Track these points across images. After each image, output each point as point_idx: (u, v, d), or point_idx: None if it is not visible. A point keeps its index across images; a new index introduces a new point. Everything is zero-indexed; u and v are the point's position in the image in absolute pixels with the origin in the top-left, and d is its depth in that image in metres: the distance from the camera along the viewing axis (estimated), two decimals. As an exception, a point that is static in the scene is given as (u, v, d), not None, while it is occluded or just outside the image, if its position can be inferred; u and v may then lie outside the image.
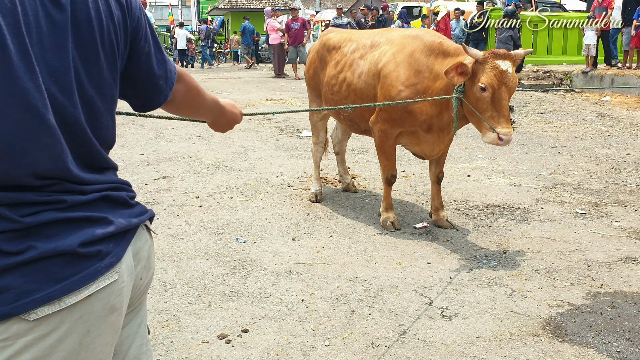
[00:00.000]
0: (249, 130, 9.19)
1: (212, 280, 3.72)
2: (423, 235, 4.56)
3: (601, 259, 4.04)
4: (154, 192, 5.85)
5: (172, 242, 4.45)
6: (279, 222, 4.90)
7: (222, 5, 42.56)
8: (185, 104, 1.56)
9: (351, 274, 3.79)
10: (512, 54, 3.77)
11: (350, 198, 5.67)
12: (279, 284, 3.65)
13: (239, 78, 16.07)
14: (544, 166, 6.91)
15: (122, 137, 8.51)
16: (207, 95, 1.66)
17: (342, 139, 5.90)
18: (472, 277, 3.73)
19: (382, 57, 4.45)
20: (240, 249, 4.29)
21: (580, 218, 4.97)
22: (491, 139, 3.72)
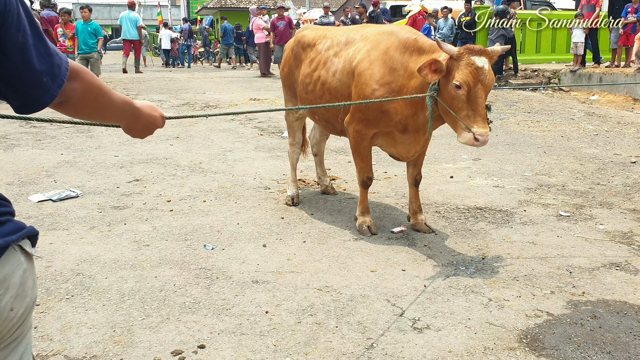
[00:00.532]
0: (230, 131, 8.98)
1: (174, 291, 3.52)
2: (400, 240, 4.37)
3: (584, 265, 3.86)
4: (125, 195, 5.63)
5: (136, 249, 4.24)
6: (251, 227, 4.70)
7: (212, 4, 42.32)
8: (85, 105, 1.36)
9: (321, 282, 3.59)
10: (488, 50, 3.58)
11: (329, 201, 5.47)
12: (243, 295, 3.44)
13: (223, 78, 15.85)
14: (529, 167, 6.75)
15: (98, 139, 8.29)
16: (115, 96, 1.45)
17: (321, 140, 5.70)
18: (447, 285, 3.54)
19: (357, 54, 4.26)
20: (207, 256, 4.08)
21: (564, 221, 4.79)
22: (467, 140, 3.53)
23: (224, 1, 42.12)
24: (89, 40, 11.27)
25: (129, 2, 18.04)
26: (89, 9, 11.53)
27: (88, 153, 7.45)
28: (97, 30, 11.42)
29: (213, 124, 9.52)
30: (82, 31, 11.23)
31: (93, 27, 11.33)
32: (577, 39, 12.83)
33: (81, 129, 8.94)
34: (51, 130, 8.79)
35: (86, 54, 11.34)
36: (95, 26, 11.42)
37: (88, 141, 8.13)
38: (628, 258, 3.97)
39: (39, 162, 6.94)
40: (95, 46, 11.41)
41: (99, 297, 3.44)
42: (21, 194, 5.66)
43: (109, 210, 5.17)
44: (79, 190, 5.71)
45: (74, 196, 5.57)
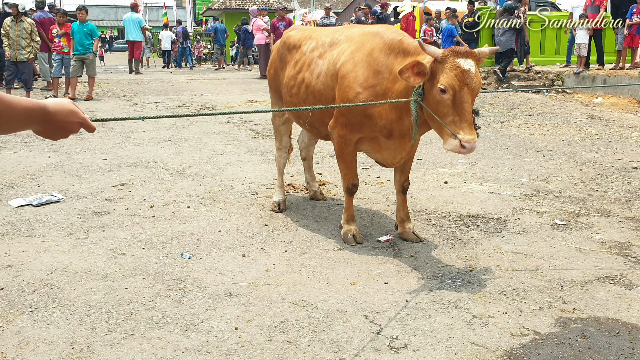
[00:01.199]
0: (223, 133, 8.82)
1: (143, 304, 3.35)
2: (385, 249, 4.19)
3: (576, 278, 3.66)
4: (108, 200, 5.48)
5: (111, 257, 4.08)
6: (232, 234, 4.53)
7: (216, 6, 42.26)
8: None
9: (298, 296, 3.41)
10: (475, 52, 3.40)
11: (316, 207, 5.29)
12: (214, 309, 3.27)
13: (223, 79, 15.71)
14: (526, 172, 6.54)
15: (88, 141, 8.15)
16: (17, 104, 1.30)
17: (309, 144, 5.52)
18: (430, 299, 3.36)
19: (341, 56, 4.08)
20: (182, 266, 3.91)
21: (559, 230, 4.59)
22: (453, 147, 3.34)
23: (229, 2, 42.04)
24: (84, 41, 11.14)
25: (131, 4, 18.23)
26: (85, 10, 11.40)
27: (76, 156, 7.31)
28: (93, 31, 11.29)
29: (207, 127, 9.36)
30: (78, 32, 11.09)
31: (89, 28, 11.19)
32: (581, 41, 12.60)
33: (72, 131, 8.80)
34: (42, 133, 8.65)
35: (81, 54, 11.20)
36: (91, 27, 11.29)
37: (78, 144, 8.00)
38: (623, 271, 3.77)
39: (24, 165, 6.81)
40: (90, 47, 11.28)
41: (63, 310, 3.28)
42: (1, 198, 5.51)
43: (89, 216, 5.01)
44: (61, 195, 5.56)
45: (56, 201, 5.42)
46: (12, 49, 10.58)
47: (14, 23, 10.63)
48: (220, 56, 21.56)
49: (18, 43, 10.62)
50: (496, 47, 3.84)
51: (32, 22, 10.92)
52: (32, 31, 10.80)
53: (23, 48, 10.66)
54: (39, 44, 11.04)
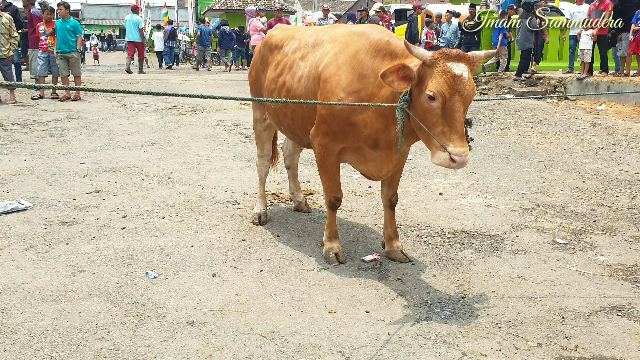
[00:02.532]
0: (211, 137, 8.47)
1: (94, 332, 2.99)
2: (370, 271, 3.82)
3: (579, 308, 3.30)
4: (78, 209, 5.12)
5: (70, 275, 3.72)
6: (205, 250, 4.17)
7: (217, 6, 42.02)
8: None
9: (267, 326, 3.05)
10: (468, 55, 3.03)
11: (300, 220, 4.94)
12: (172, 340, 2.91)
13: (217, 80, 15.35)
14: (526, 183, 6.18)
15: (69, 144, 7.81)
16: None
17: (294, 152, 5.16)
18: (416, 332, 2.99)
19: (324, 57, 3.72)
20: (146, 286, 3.55)
21: (560, 250, 4.23)
22: (442, 161, 2.98)
23: (230, 3, 41.84)
24: (68, 38, 10.76)
25: (132, 6, 18.72)
26: (65, 5, 11.02)
27: (54, 159, 6.95)
28: (76, 27, 10.90)
29: (195, 130, 9.01)
30: (61, 29, 10.71)
31: (71, 25, 10.81)
32: (584, 46, 12.24)
33: (53, 132, 8.46)
34: (22, 134, 8.31)
35: (65, 53, 10.83)
36: (74, 23, 10.90)
37: (57, 146, 7.64)
38: (632, 300, 3.40)
39: (-3, 169, 6.46)
40: (75, 45, 10.90)
41: (3, 339, 2.92)
42: (-35, 205, 5.16)
43: (55, 227, 4.65)
44: (29, 203, 5.21)
45: (23, 209, 5.07)
46: (-10, 45, 10.25)
47: (-9, 19, 10.29)
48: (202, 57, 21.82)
49: (-4, 39, 10.28)
50: (493, 51, 3.48)
51: (10, 17, 10.55)
52: (11, 27, 10.43)
53: (2, 45, 10.30)
54: (17, 39, 10.67)
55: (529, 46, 13.17)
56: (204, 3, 49.78)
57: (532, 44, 13.25)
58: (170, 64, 22.51)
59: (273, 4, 39.18)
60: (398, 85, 3.03)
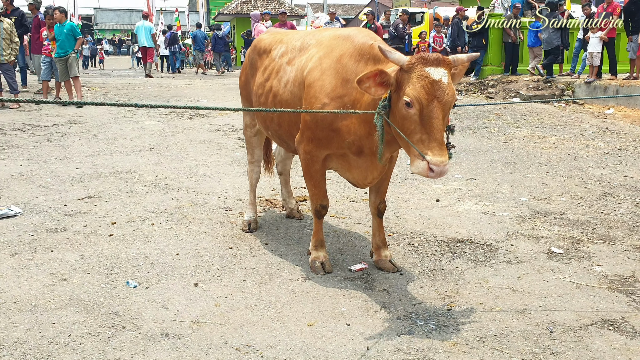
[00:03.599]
0: (211, 142, 8.41)
1: (65, 344, 2.91)
2: (356, 281, 3.72)
3: (569, 322, 3.17)
4: (68, 215, 5.07)
5: (50, 284, 3.65)
6: (190, 258, 4.09)
7: (228, 10, 42.13)
8: None
9: (243, 339, 2.96)
10: (448, 59, 2.92)
11: (291, 227, 4.84)
12: (143, 354, 2.82)
13: (222, 85, 15.33)
14: (527, 189, 6.04)
15: (66, 149, 7.78)
16: None
17: (286, 157, 5.08)
18: (396, 347, 2.88)
19: (309, 62, 3.64)
20: (125, 296, 3.47)
21: (555, 260, 4.10)
22: (420, 170, 2.87)
23: (240, 7, 41.88)
24: (66, 42, 10.73)
25: (143, 13, 19.61)
26: (60, 10, 11.00)
27: (50, 164, 6.92)
28: (74, 30, 10.87)
29: (195, 134, 8.96)
30: (59, 33, 10.70)
31: (67, 28, 10.78)
32: (593, 49, 12.04)
33: (52, 137, 8.44)
34: (21, 139, 8.30)
35: (61, 57, 10.81)
36: (70, 26, 10.86)
37: (55, 151, 7.61)
38: (626, 314, 3.27)
39: (-8, 174, 6.43)
40: (71, 48, 10.84)
41: (-28, 350, 2.85)
42: (-45, 211, 5.12)
43: (42, 233, 4.60)
44: (19, 209, 5.16)
45: (12, 215, 5.02)
46: (-7, 50, 10.28)
47: (-8, 24, 10.32)
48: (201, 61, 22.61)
49: (-2, 44, 10.30)
50: (476, 54, 3.35)
51: (11, 22, 10.58)
52: (12, 32, 10.45)
53: (4, 50, 10.32)
54: (18, 45, 10.69)
55: (557, 44, 12.92)
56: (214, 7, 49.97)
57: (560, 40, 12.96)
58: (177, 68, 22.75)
59: (283, 8, 39.26)
60: (375, 92, 2.93)
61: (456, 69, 2.98)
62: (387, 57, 2.91)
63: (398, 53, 2.96)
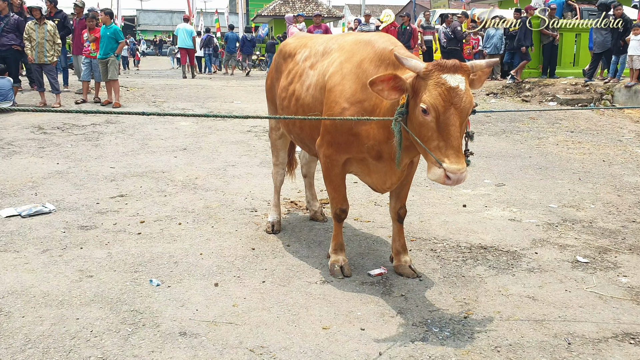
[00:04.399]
0: (241, 143, 8.52)
1: (87, 340, 3.01)
2: (375, 286, 3.73)
3: (589, 333, 3.11)
4: (100, 213, 5.22)
5: (77, 280, 3.78)
6: (213, 258, 4.16)
7: (266, 12, 42.48)
8: None
9: (258, 340, 3.00)
10: (466, 65, 2.90)
11: (314, 229, 4.88)
12: (160, 351, 2.90)
13: (257, 87, 15.47)
14: (557, 196, 5.93)
15: (102, 148, 7.99)
16: None
17: (310, 160, 5.12)
18: (408, 353, 2.88)
19: (330, 66, 3.67)
20: (147, 294, 3.57)
21: (580, 269, 4.02)
22: (437, 177, 2.87)
23: (278, 9, 42.17)
24: (108, 46, 11.05)
25: (184, 16, 20.52)
26: (106, 12, 11.33)
27: (85, 163, 7.13)
28: (117, 33, 11.17)
29: (227, 135, 9.09)
30: (103, 36, 11.02)
31: (112, 31, 11.10)
32: (633, 52, 11.70)
33: (89, 136, 8.69)
34: (60, 138, 8.57)
35: (103, 59, 11.12)
36: (114, 29, 11.18)
37: (91, 150, 7.84)
38: (649, 327, 3.19)
39: (30, 171, 6.66)
40: (113, 50, 11.15)
41: (0, 342, 2.97)
42: (-6, 207, 5.34)
43: (73, 231, 4.75)
44: (53, 206, 5.34)
45: (46, 212, 5.20)
46: (37, 51, 10.62)
47: (37, 26, 10.66)
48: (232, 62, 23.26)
49: (42, 46, 10.64)
50: (495, 60, 3.32)
51: (54, 25, 10.95)
52: (55, 34, 10.82)
53: (47, 51, 10.69)
54: (60, 46, 11.05)
55: (609, 47, 12.54)
56: (254, 9, 50.47)
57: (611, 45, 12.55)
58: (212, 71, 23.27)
59: (320, 10, 39.33)
60: (387, 95, 2.95)
61: (475, 75, 2.96)
62: (402, 64, 2.91)
63: (414, 60, 2.96)
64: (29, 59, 10.73)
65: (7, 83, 10.09)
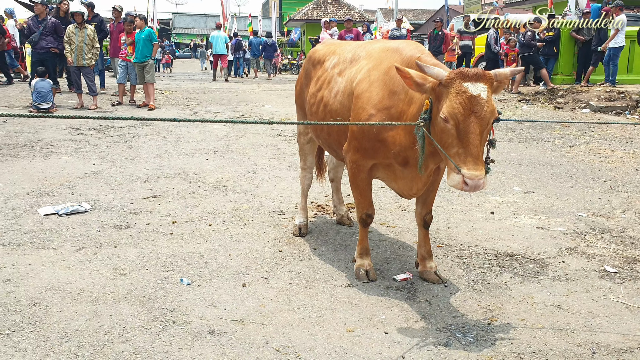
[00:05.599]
0: (271, 147, 8.64)
1: (120, 335, 3.13)
2: (399, 290, 3.77)
3: (614, 344, 3.10)
4: (133, 213, 5.38)
5: (110, 278, 3.92)
6: (242, 259, 4.27)
7: (298, 16, 42.79)
8: None
9: (283, 340, 3.08)
10: (489, 74, 2.94)
11: (341, 233, 4.95)
12: (190, 348, 3.00)
13: (288, 91, 15.62)
14: (587, 205, 5.88)
15: (137, 149, 8.20)
16: None
17: (338, 165, 5.19)
18: (431, 358, 2.92)
19: (358, 73, 3.74)
20: (178, 293, 3.68)
21: (607, 279, 4.00)
22: (455, 183, 2.92)
23: (310, 13, 42.43)
24: (145, 49, 11.34)
25: (217, 24, 21.69)
26: (141, 17, 11.64)
27: (120, 164, 7.33)
28: (151, 36, 11.46)
29: (257, 139, 9.22)
30: (138, 40, 11.32)
31: (145, 34, 11.38)
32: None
33: (125, 138, 8.92)
34: (96, 139, 8.82)
35: (140, 62, 11.41)
36: (148, 32, 11.46)
37: (126, 151, 8.05)
38: (676, 339, 3.16)
39: (68, 171, 6.89)
40: (149, 54, 11.44)
41: (38, 335, 3.12)
42: (33, 205, 5.55)
43: (108, 230, 4.91)
44: (89, 205, 5.52)
45: (82, 211, 5.38)
46: (76, 54, 10.97)
47: (77, 30, 11.01)
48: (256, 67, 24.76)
49: (81, 49, 10.99)
50: (520, 68, 3.34)
51: (94, 29, 11.31)
52: (94, 38, 11.19)
53: (86, 54, 11.04)
54: (98, 50, 11.41)
55: None
56: (286, 13, 50.87)
57: None
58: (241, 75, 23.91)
59: (352, 14, 39.43)
60: (408, 84, 3.06)
61: (499, 83, 3.00)
62: (424, 73, 2.97)
63: (437, 68, 3.02)
64: (69, 62, 11.10)
65: (47, 85, 10.43)
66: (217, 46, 19.97)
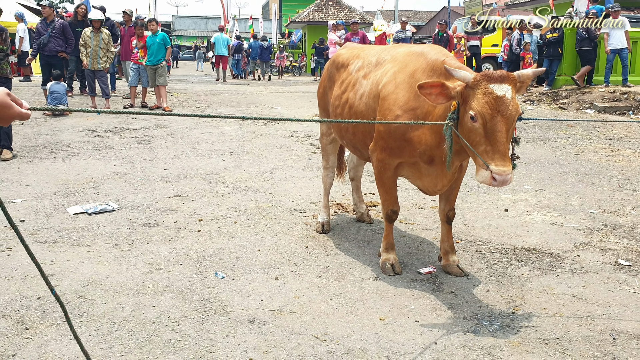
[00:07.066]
0: (285, 148, 8.83)
1: (165, 324, 3.32)
2: (425, 283, 3.96)
3: (633, 330, 3.29)
4: (160, 212, 5.56)
5: (148, 272, 4.10)
6: (270, 255, 4.45)
7: (300, 18, 42.95)
8: None
9: (321, 328, 3.27)
10: (513, 75, 3.15)
11: (361, 230, 5.13)
12: (234, 336, 3.19)
13: (295, 92, 15.83)
14: (597, 202, 6.07)
15: (154, 151, 8.38)
16: None
17: (358, 164, 5.38)
18: (462, 343, 3.11)
19: (384, 76, 3.93)
20: (214, 285, 3.87)
21: (622, 271, 4.19)
22: (484, 179, 3.12)
23: (311, 15, 42.64)
24: (159, 52, 11.56)
25: (219, 26, 22.58)
26: (155, 21, 11.88)
27: (140, 165, 7.52)
28: (165, 39, 11.67)
29: (270, 140, 9.41)
30: (152, 43, 11.53)
31: (160, 38, 11.60)
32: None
33: (141, 140, 9.11)
34: (113, 140, 9.01)
35: (153, 65, 11.62)
36: (162, 36, 11.68)
37: (144, 153, 8.24)
38: (690, 326, 3.35)
39: (90, 172, 7.07)
40: (163, 57, 11.66)
41: (88, 325, 3.30)
42: (62, 204, 5.73)
43: (137, 227, 5.10)
44: (116, 205, 5.71)
45: (110, 210, 5.57)
46: (91, 58, 11.19)
47: (93, 34, 11.22)
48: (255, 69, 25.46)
49: (96, 53, 11.21)
50: (541, 69, 3.55)
51: (109, 33, 11.53)
52: (109, 42, 11.41)
53: (100, 58, 11.25)
54: (113, 54, 11.63)
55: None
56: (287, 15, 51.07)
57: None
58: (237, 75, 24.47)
59: (354, 16, 39.60)
60: (435, 99, 3.23)
61: (522, 84, 3.20)
62: (452, 76, 3.17)
63: (463, 71, 3.21)
64: (84, 65, 11.31)
65: (62, 88, 10.62)
66: (219, 48, 20.54)
